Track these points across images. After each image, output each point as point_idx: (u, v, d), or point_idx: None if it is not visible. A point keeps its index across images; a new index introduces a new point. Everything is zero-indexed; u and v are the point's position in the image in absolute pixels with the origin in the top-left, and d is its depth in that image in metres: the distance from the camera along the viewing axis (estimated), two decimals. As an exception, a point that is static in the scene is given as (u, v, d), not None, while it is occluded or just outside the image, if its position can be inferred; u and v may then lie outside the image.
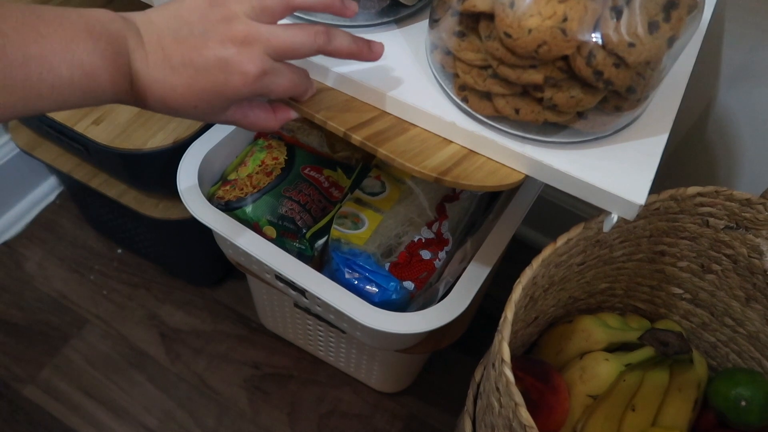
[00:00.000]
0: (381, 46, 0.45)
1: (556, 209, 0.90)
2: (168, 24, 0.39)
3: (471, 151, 0.48)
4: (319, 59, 0.48)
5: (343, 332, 0.72)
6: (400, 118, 0.49)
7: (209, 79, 0.39)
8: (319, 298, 0.56)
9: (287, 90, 0.43)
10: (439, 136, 0.48)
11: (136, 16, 0.40)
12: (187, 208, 0.61)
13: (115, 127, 0.65)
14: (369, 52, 0.45)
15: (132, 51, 0.38)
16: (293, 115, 0.47)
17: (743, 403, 0.58)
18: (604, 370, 0.58)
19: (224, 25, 0.39)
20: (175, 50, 0.39)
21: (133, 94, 0.39)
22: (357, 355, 0.80)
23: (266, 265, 0.59)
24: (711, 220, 0.56)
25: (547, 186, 0.47)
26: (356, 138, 0.47)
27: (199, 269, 0.95)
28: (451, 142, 0.48)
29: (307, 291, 0.56)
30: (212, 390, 0.88)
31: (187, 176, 0.63)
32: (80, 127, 0.65)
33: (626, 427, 0.59)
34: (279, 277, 0.60)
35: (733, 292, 0.61)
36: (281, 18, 0.42)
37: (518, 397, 0.41)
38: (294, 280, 0.58)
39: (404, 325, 0.56)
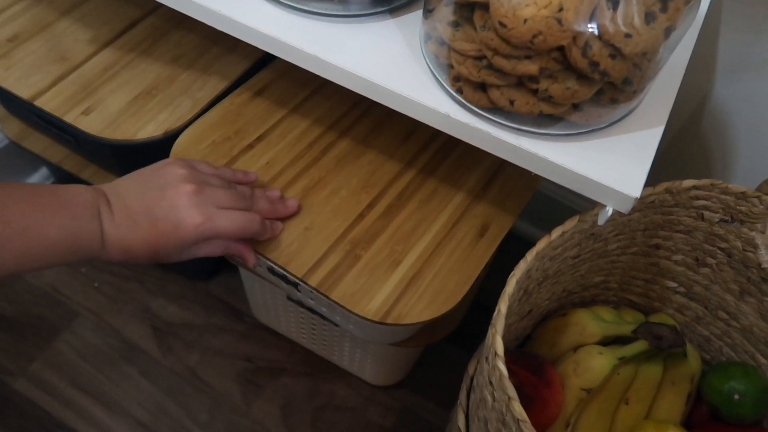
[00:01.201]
0: (294, 201, 0.57)
1: (551, 202, 0.90)
2: (131, 187, 0.48)
3: (417, 272, 0.54)
4: (315, 52, 0.48)
5: (336, 325, 0.71)
6: (353, 246, 0.55)
7: (164, 226, 0.47)
8: (312, 291, 0.56)
9: (235, 233, 0.50)
10: (388, 258, 0.55)
11: (104, 186, 0.48)
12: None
13: (105, 118, 0.64)
14: (284, 208, 0.56)
15: (103, 214, 0.46)
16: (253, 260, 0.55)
17: (736, 397, 0.58)
18: (597, 363, 0.57)
19: (179, 180, 0.48)
20: (137, 206, 0.47)
21: (104, 250, 0.46)
22: (350, 348, 0.80)
23: (259, 258, 0.59)
24: (706, 213, 0.56)
25: (541, 178, 0.47)
26: (312, 283, 0.53)
27: (191, 262, 0.93)
28: (399, 263, 0.54)
29: (299, 284, 0.56)
30: (205, 383, 0.88)
31: (178, 168, 0.62)
32: (69, 117, 0.64)
33: (619, 421, 0.59)
34: (272, 270, 0.60)
35: (728, 286, 0.61)
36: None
37: (511, 391, 0.41)
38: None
39: (397, 319, 0.56)
